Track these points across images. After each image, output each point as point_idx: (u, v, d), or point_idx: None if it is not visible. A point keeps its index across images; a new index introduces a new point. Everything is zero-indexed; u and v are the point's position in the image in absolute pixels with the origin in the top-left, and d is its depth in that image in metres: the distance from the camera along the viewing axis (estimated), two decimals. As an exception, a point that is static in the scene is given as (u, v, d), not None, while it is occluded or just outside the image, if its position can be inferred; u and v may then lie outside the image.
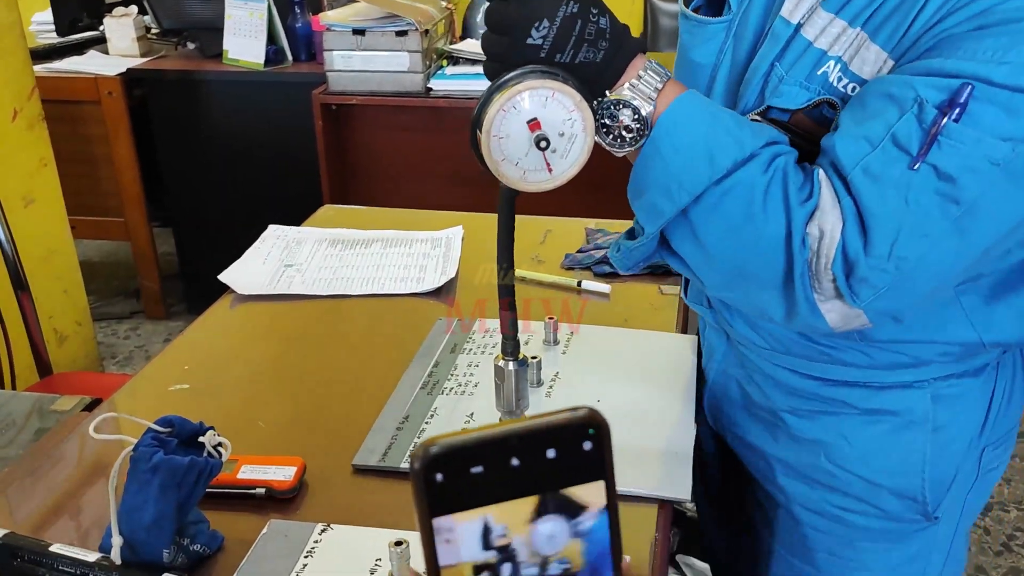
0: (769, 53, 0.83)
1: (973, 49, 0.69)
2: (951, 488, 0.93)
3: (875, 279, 0.73)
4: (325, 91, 2.56)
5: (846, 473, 0.93)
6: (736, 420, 1.01)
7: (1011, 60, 0.68)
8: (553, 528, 0.36)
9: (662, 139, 0.76)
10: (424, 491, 0.34)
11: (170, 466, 0.77)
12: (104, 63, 2.85)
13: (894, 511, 0.93)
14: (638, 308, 1.28)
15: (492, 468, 0.35)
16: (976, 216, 0.71)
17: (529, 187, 0.77)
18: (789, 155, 0.77)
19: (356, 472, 0.96)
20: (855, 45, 0.78)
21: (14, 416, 1.30)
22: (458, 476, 0.34)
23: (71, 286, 2.52)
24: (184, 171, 2.86)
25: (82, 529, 0.91)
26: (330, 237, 1.51)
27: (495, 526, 0.35)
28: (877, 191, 0.72)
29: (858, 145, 0.73)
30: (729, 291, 0.85)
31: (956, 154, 0.69)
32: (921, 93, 0.70)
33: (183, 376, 1.14)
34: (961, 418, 0.91)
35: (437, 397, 1.07)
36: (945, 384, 0.89)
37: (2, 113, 2.25)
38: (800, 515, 0.98)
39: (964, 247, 0.73)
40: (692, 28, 0.90)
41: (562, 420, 0.35)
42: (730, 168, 0.75)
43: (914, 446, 0.90)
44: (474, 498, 0.35)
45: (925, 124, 0.70)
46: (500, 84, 0.74)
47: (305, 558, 0.83)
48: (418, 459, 0.34)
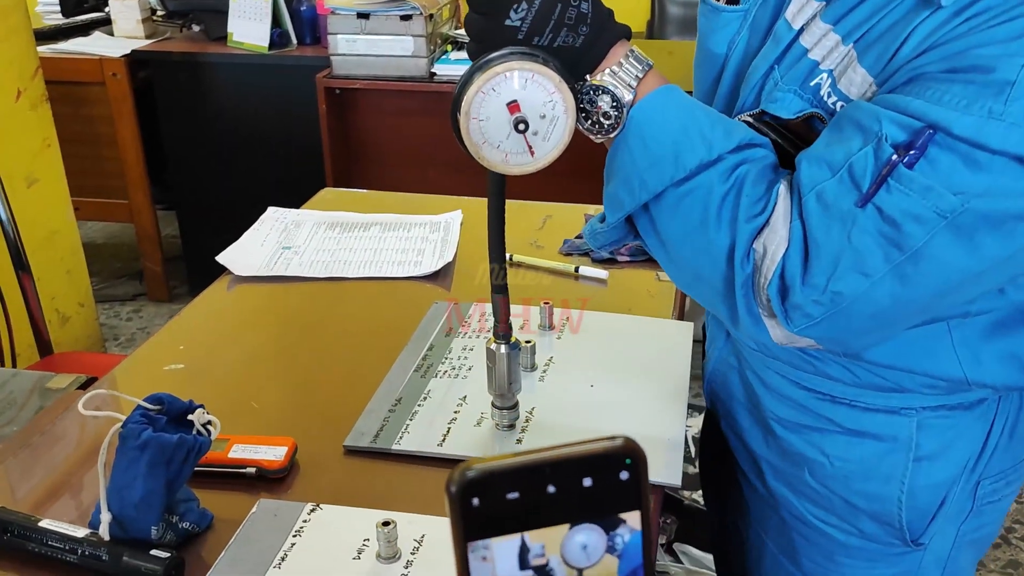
0: (770, 54, 0.82)
1: (941, 92, 0.67)
2: (936, 517, 0.90)
3: (808, 308, 0.72)
4: (329, 75, 2.55)
5: (827, 491, 0.92)
6: (733, 413, 1.01)
7: (974, 112, 0.65)
8: (587, 538, 0.36)
9: (631, 131, 0.75)
10: (460, 514, 0.34)
11: (159, 443, 0.77)
12: (109, 44, 2.85)
13: (872, 533, 0.92)
14: (635, 294, 1.28)
15: (528, 494, 0.35)
16: (918, 265, 0.69)
17: (512, 170, 0.77)
18: (756, 163, 0.75)
19: (347, 454, 0.96)
20: (844, 63, 0.76)
21: (15, 395, 1.31)
22: (494, 501, 0.34)
23: (74, 267, 2.53)
24: (188, 153, 2.86)
25: (75, 506, 0.91)
26: (329, 220, 1.51)
27: (532, 545, 0.35)
28: (824, 221, 0.71)
29: (819, 169, 0.72)
30: (688, 289, 0.84)
31: (904, 200, 0.67)
32: (884, 128, 0.68)
33: (178, 356, 1.15)
34: (950, 450, 0.88)
35: (431, 380, 1.07)
36: (934, 414, 0.87)
37: (6, 93, 2.25)
38: (787, 518, 0.97)
39: (905, 293, 0.71)
40: (708, 14, 0.89)
41: (599, 449, 0.35)
42: (694, 169, 0.73)
43: (894, 473, 0.88)
44: (509, 523, 0.35)
45: (880, 162, 0.68)
46: (479, 66, 0.74)
47: (293, 537, 0.83)
48: (455, 483, 0.34)
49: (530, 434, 0.97)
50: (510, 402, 0.95)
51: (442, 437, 0.96)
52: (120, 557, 0.78)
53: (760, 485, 0.98)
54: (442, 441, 0.96)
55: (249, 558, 0.81)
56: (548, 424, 0.98)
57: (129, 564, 0.77)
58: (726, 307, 0.78)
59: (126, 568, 0.77)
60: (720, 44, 0.88)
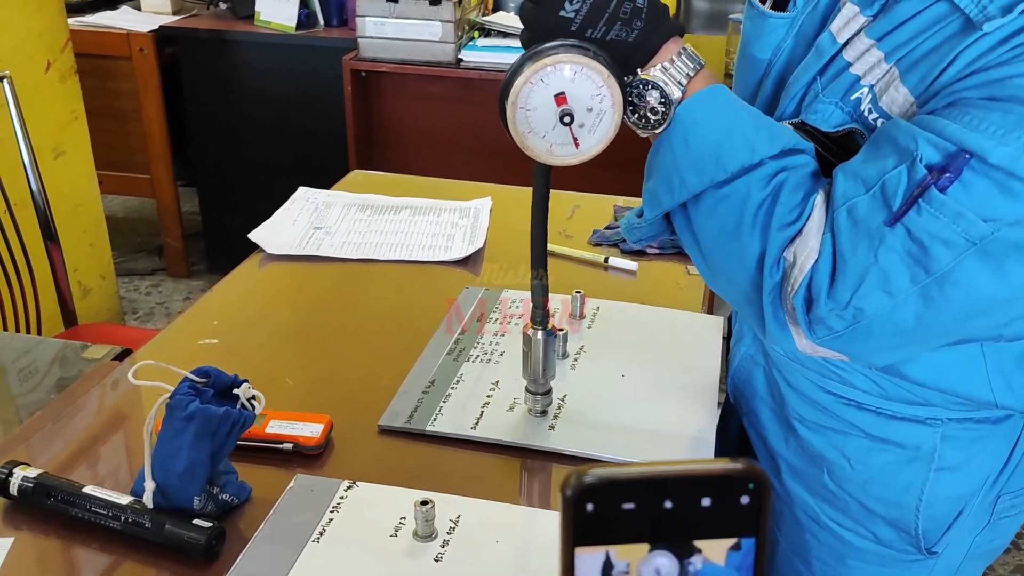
0: (812, 65, 0.82)
1: (979, 120, 0.67)
2: (952, 528, 0.91)
3: (831, 321, 0.73)
4: (356, 57, 2.56)
5: (844, 494, 0.92)
6: (755, 410, 1.01)
7: (1011, 143, 0.65)
8: (661, 563, 0.35)
9: (675, 129, 0.76)
10: (572, 519, 0.34)
11: (206, 415, 0.79)
12: (137, 19, 2.86)
13: (887, 539, 0.92)
14: (664, 287, 1.29)
15: (644, 507, 0.34)
16: (944, 289, 0.69)
17: (555, 160, 0.78)
18: (796, 171, 0.75)
19: (381, 433, 0.97)
20: (886, 80, 0.76)
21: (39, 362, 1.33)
22: (609, 509, 0.34)
23: (96, 240, 2.54)
24: (211, 131, 2.87)
25: (109, 474, 0.92)
26: (359, 202, 1.52)
27: (617, 562, 0.35)
28: (853, 236, 0.71)
29: (854, 184, 0.72)
30: (720, 290, 0.85)
31: (933, 223, 0.67)
32: (920, 149, 0.68)
33: (212, 331, 1.16)
34: (972, 463, 0.88)
35: (463, 364, 1.08)
36: (960, 427, 0.86)
37: (36, 64, 2.26)
38: (800, 517, 0.97)
39: (929, 315, 0.71)
40: (754, 18, 0.88)
41: (721, 470, 0.34)
42: (735, 172, 0.74)
43: (914, 481, 0.89)
44: (621, 535, 0.34)
45: (913, 182, 0.68)
46: (530, 56, 0.74)
47: (331, 513, 0.84)
48: (571, 487, 0.34)
49: (563, 421, 0.98)
50: (544, 388, 0.96)
51: (475, 420, 0.98)
52: (163, 525, 0.79)
53: (777, 483, 0.99)
54: (475, 424, 0.97)
55: (288, 532, 0.82)
56: (580, 412, 0.99)
57: (172, 532, 0.79)
58: (754, 312, 0.78)
59: (169, 536, 0.79)
60: (765, 50, 0.88)
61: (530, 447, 0.94)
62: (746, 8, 0.90)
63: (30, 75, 2.23)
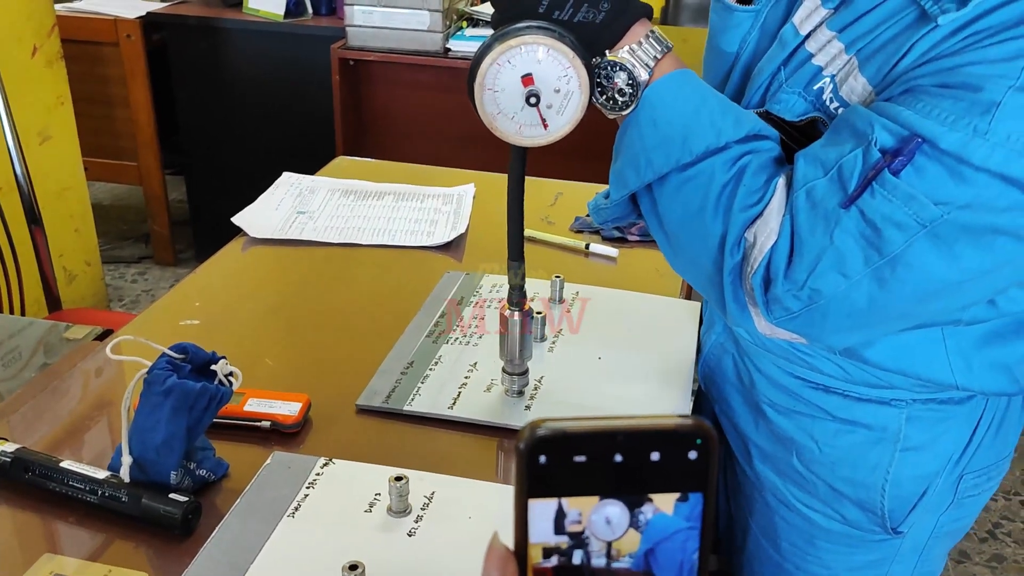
0: (776, 56, 0.83)
1: (931, 106, 0.68)
2: (917, 507, 0.92)
3: (787, 302, 0.74)
4: (344, 46, 2.56)
5: (813, 476, 0.94)
6: (725, 396, 1.03)
7: (960, 129, 0.67)
8: (611, 511, 0.35)
9: (643, 111, 0.77)
10: (525, 470, 0.34)
11: (183, 390, 0.79)
12: (124, 5, 2.85)
13: (854, 519, 0.94)
14: (644, 272, 1.30)
15: (595, 460, 0.34)
16: (896, 270, 0.71)
17: (524, 142, 0.79)
18: (760, 154, 0.76)
19: (359, 412, 0.98)
20: (846, 70, 0.78)
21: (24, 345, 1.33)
22: (561, 462, 0.34)
23: (82, 225, 2.54)
24: (199, 118, 2.87)
25: (91, 451, 0.93)
26: (343, 187, 1.53)
27: (569, 511, 0.35)
28: (810, 218, 0.72)
29: (814, 167, 0.73)
30: (683, 272, 0.86)
31: (886, 205, 0.69)
32: (875, 133, 0.70)
33: (194, 312, 1.17)
34: (937, 443, 0.90)
35: (442, 346, 1.09)
36: (924, 407, 0.88)
37: (22, 49, 2.26)
38: (770, 501, 0.99)
39: (883, 297, 0.72)
40: (720, 12, 0.90)
41: (671, 425, 0.35)
42: (700, 155, 0.75)
43: (880, 462, 0.90)
44: (573, 487, 0.35)
45: (867, 165, 0.70)
46: (497, 37, 0.75)
47: (307, 488, 0.85)
48: (524, 439, 0.34)
49: (539, 401, 0.99)
50: (520, 369, 0.98)
51: (452, 400, 0.99)
52: (140, 499, 0.80)
53: (747, 467, 1.01)
54: (452, 404, 0.98)
55: (263, 506, 0.83)
56: (556, 392, 1.01)
57: (148, 506, 0.80)
58: (716, 293, 0.80)
59: (145, 510, 0.80)
60: (731, 43, 0.89)
61: (506, 426, 0.95)
62: (712, 2, 0.91)
63: (16, 59, 2.23)
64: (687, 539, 0.36)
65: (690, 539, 0.36)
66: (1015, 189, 0.67)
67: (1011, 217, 0.68)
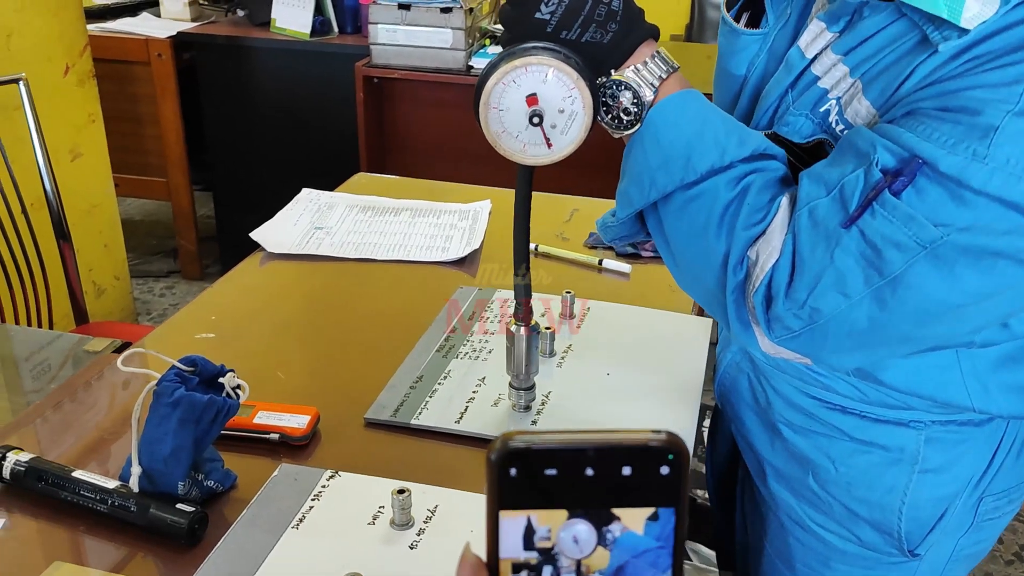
0: (783, 79, 0.84)
1: (931, 129, 0.68)
2: (935, 530, 0.91)
3: (788, 321, 0.74)
4: (368, 63, 2.59)
5: (829, 496, 0.93)
6: (740, 415, 1.02)
7: (959, 153, 0.67)
8: (579, 530, 0.35)
9: (647, 130, 0.77)
10: (496, 482, 0.35)
11: (190, 401, 0.81)
12: (155, 25, 2.91)
13: (870, 541, 0.93)
14: (656, 289, 1.30)
15: (566, 473, 0.35)
16: (896, 291, 0.70)
17: (528, 160, 0.80)
18: (764, 173, 0.77)
19: (367, 426, 0.99)
20: (851, 93, 0.78)
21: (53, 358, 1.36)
22: (531, 474, 0.35)
23: (111, 241, 2.59)
24: (227, 135, 2.92)
25: (105, 462, 0.95)
26: (361, 203, 1.54)
27: (539, 528, 0.35)
28: (812, 237, 0.72)
29: (817, 186, 0.74)
30: (688, 290, 0.86)
31: (886, 226, 0.69)
32: (877, 153, 0.70)
33: (210, 326, 1.19)
34: (956, 465, 0.89)
35: (451, 360, 1.09)
36: (944, 429, 0.87)
37: (55, 67, 2.31)
38: (785, 522, 0.98)
39: (883, 318, 0.72)
40: (728, 35, 0.90)
41: (642, 439, 0.35)
42: (704, 174, 0.75)
43: (897, 483, 0.89)
44: (544, 500, 0.35)
45: (868, 185, 0.70)
46: (503, 57, 0.76)
47: (312, 500, 0.86)
48: (495, 451, 0.34)
49: (545, 416, 0.99)
50: (527, 384, 0.98)
51: (459, 415, 0.99)
52: (147, 509, 0.81)
53: (762, 486, 1.00)
54: (459, 419, 0.99)
55: (269, 517, 0.84)
56: (563, 408, 1.01)
57: (156, 516, 0.81)
58: (719, 311, 0.80)
59: (153, 519, 0.81)
60: (739, 66, 0.89)
61: (512, 441, 0.96)
62: (720, 25, 0.91)
63: (48, 78, 2.28)
64: (658, 557, 0.36)
65: (661, 557, 0.36)
66: (1015, 213, 0.67)
67: (1011, 240, 0.68)
